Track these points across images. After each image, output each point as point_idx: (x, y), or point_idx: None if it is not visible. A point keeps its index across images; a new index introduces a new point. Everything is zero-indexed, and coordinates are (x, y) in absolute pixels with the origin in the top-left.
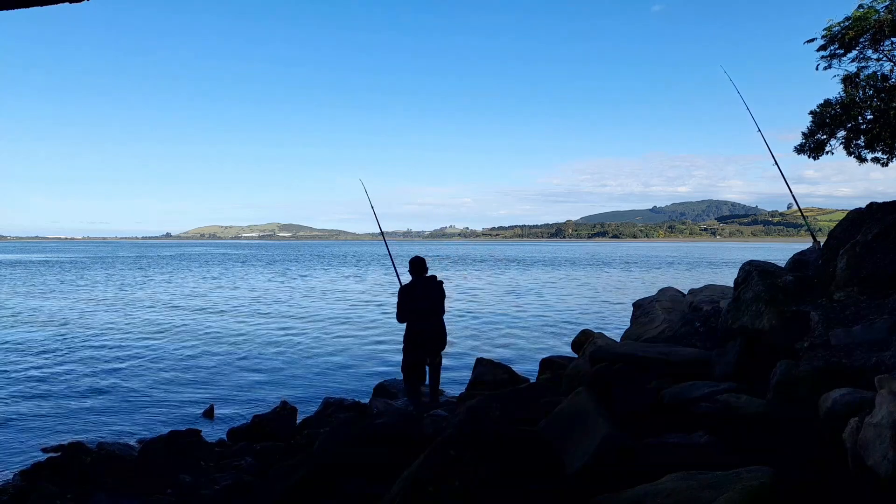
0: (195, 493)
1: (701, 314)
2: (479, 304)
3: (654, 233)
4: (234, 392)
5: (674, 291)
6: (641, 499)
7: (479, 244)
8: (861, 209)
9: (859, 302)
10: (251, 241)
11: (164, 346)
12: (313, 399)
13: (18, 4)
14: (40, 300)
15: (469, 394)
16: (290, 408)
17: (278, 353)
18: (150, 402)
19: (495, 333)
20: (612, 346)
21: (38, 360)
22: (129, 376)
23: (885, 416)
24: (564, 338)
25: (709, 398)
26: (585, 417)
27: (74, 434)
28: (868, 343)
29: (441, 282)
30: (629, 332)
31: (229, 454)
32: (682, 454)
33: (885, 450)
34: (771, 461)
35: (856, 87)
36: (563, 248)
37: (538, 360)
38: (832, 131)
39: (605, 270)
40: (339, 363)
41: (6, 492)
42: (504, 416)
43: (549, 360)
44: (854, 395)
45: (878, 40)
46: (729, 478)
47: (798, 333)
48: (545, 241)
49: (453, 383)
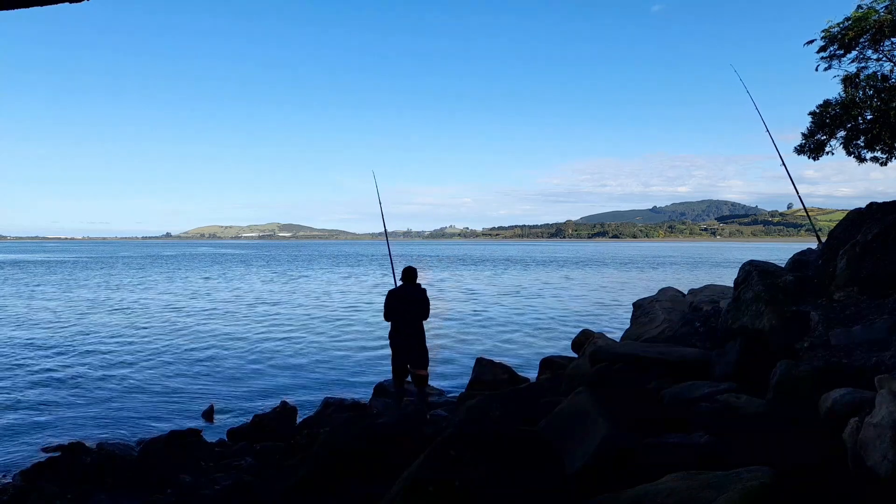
0: (195, 493)
1: (701, 314)
2: (479, 304)
3: (654, 233)
4: (234, 392)
5: (674, 291)
6: (641, 499)
7: (479, 244)
8: (861, 209)
9: (859, 302)
10: (251, 241)
11: (164, 346)
12: (313, 399)
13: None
14: (41, 301)
15: (469, 394)
16: (290, 408)
17: (278, 353)
18: (151, 402)
19: (495, 333)
20: (612, 346)
21: (38, 361)
22: (129, 377)
23: (885, 416)
24: (564, 338)
25: (709, 398)
26: (585, 417)
27: (74, 434)
28: (868, 343)
29: (424, 290)
30: (629, 332)
31: (229, 454)
32: (682, 454)
33: (885, 450)
34: (771, 461)
35: (856, 88)
36: (563, 248)
37: (538, 360)
38: (832, 131)
39: (605, 270)
40: (339, 363)
41: (6, 492)
42: (504, 416)
43: (549, 360)
44: (854, 395)
45: (877, 40)
46: (729, 478)
47: (798, 333)
48: (545, 241)
49: (453, 383)
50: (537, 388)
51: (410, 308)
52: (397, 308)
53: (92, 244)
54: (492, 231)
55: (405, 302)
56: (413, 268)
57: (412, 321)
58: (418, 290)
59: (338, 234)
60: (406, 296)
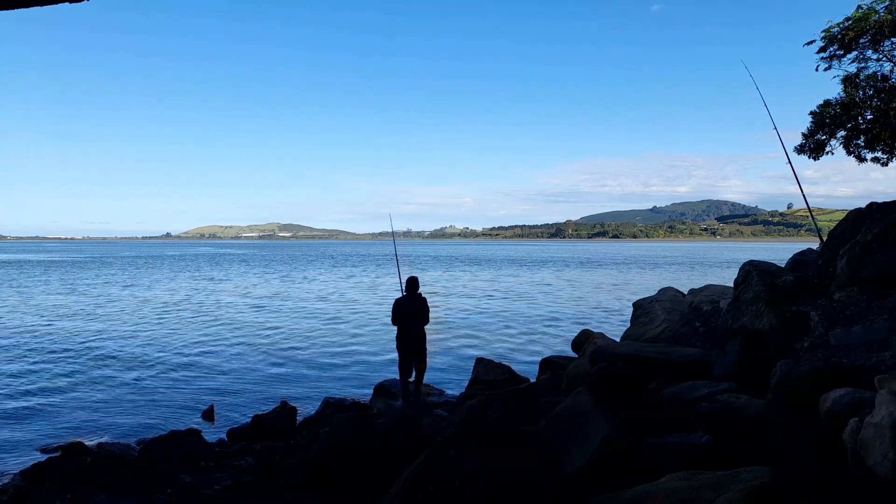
0: (195, 493)
1: (701, 314)
2: (479, 304)
3: (654, 233)
4: (234, 392)
5: (674, 291)
6: (641, 499)
7: (479, 244)
8: (861, 209)
9: (859, 302)
10: (251, 241)
11: (164, 346)
12: (313, 399)
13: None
14: (41, 301)
15: (469, 393)
16: (290, 408)
17: (278, 353)
18: (151, 402)
19: (495, 333)
20: (612, 346)
21: (38, 361)
22: (130, 377)
23: (885, 416)
24: (564, 338)
25: (709, 398)
26: (585, 417)
27: (74, 434)
28: (868, 343)
29: (425, 299)
30: (629, 332)
31: (229, 454)
32: (682, 454)
33: (885, 450)
34: (771, 461)
35: (856, 88)
36: (563, 248)
37: (538, 360)
38: (832, 131)
39: (605, 270)
40: (339, 363)
41: (6, 492)
42: (504, 416)
43: (549, 360)
44: (854, 395)
45: (877, 41)
46: (729, 478)
47: (798, 333)
48: (545, 241)
49: (453, 383)
50: (537, 388)
51: (413, 315)
52: (403, 315)
53: (92, 244)
54: (492, 231)
55: (409, 310)
56: (416, 279)
57: (416, 326)
58: (420, 300)
59: (338, 234)
60: (410, 304)
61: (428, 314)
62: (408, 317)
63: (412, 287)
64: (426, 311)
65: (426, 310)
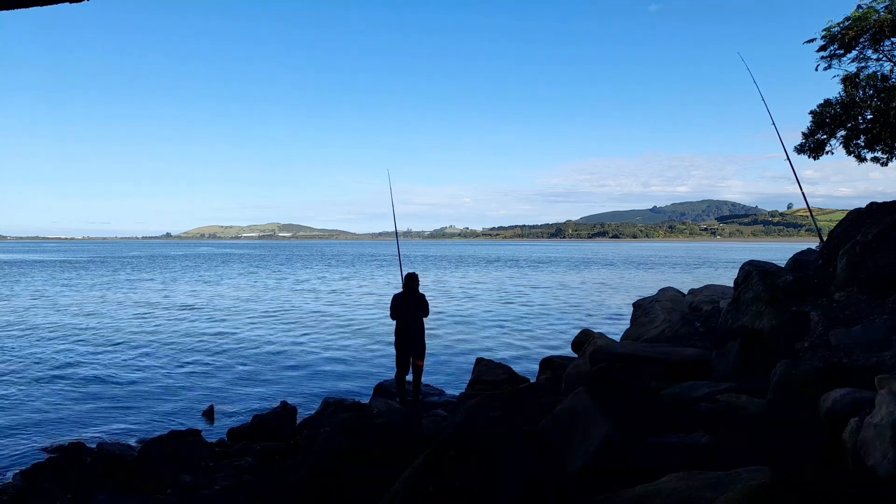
0: (195, 493)
1: (701, 314)
2: (478, 304)
3: (654, 233)
4: (234, 392)
5: (674, 291)
6: (641, 499)
7: (479, 244)
8: (861, 209)
9: (859, 302)
10: (251, 241)
11: (164, 346)
12: (313, 399)
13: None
14: (41, 301)
15: (469, 393)
16: (290, 408)
17: (278, 353)
18: (151, 402)
19: (495, 333)
20: (612, 346)
21: (38, 362)
22: (130, 377)
23: (885, 416)
24: (564, 338)
25: (709, 398)
26: (585, 417)
27: (74, 434)
28: (868, 343)
29: (423, 294)
30: (629, 332)
31: (229, 454)
32: (682, 454)
33: (885, 450)
34: (771, 461)
35: (856, 87)
36: (562, 248)
37: (538, 360)
38: (832, 131)
39: (605, 270)
40: (339, 363)
41: (6, 492)
42: (504, 415)
43: (549, 360)
44: (854, 395)
45: (878, 40)
46: (729, 478)
47: (798, 333)
48: (545, 241)
49: (453, 383)
50: (537, 388)
51: (412, 309)
52: (401, 309)
53: (92, 244)
54: (492, 231)
55: (408, 305)
56: (415, 274)
57: (414, 320)
58: (418, 294)
59: (338, 234)
60: (408, 299)
61: (427, 306)
62: (406, 311)
63: (411, 282)
64: (425, 304)
65: (425, 304)
